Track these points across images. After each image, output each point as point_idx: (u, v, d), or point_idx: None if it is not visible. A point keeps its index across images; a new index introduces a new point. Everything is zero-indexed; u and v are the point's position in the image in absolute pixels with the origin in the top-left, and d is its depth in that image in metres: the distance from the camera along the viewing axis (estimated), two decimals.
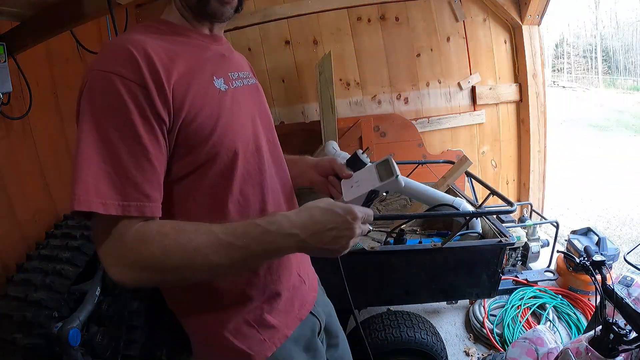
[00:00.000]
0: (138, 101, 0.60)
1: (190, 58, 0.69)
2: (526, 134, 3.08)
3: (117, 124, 0.59)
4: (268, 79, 2.82)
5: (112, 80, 0.60)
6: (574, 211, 4.52)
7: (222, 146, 0.69)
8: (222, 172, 0.70)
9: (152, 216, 0.61)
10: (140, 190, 0.60)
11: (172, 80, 0.63)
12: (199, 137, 0.66)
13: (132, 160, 0.59)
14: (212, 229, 0.62)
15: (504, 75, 3.04)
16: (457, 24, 2.88)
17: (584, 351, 1.04)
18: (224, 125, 0.69)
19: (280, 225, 0.63)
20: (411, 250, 1.58)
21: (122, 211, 0.58)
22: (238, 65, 0.83)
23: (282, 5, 2.68)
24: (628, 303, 1.01)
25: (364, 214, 0.68)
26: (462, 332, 2.06)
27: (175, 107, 0.63)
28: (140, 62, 0.61)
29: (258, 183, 0.76)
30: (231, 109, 0.72)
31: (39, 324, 1.21)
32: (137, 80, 0.60)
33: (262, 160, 0.77)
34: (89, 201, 0.56)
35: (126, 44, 0.63)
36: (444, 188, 2.17)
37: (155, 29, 0.71)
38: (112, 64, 0.61)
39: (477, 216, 1.75)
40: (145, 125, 0.60)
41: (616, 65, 18.41)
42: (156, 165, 0.62)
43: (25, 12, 1.34)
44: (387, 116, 2.88)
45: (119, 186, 0.58)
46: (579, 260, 1.14)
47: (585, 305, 2.02)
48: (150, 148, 0.61)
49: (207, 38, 0.76)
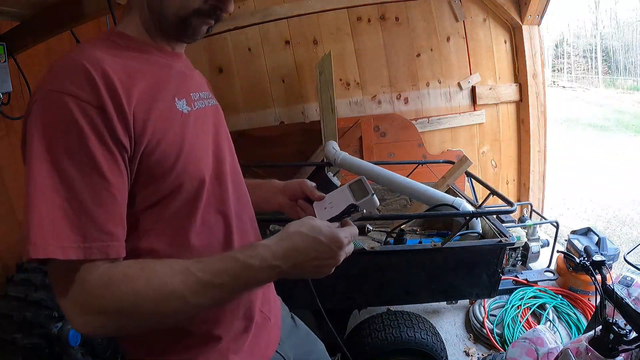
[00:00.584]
0: (95, 126, 0.53)
1: (151, 77, 0.62)
2: (526, 134, 3.08)
3: (72, 153, 0.52)
4: (268, 79, 2.82)
5: (66, 101, 0.52)
6: (574, 211, 4.52)
7: (186, 175, 0.63)
8: (186, 202, 0.63)
9: (117, 257, 0.55)
10: (101, 228, 0.53)
11: (132, 102, 0.57)
12: (163, 165, 0.60)
13: (91, 194, 0.52)
14: (187, 267, 0.56)
15: (504, 75, 3.04)
16: (457, 24, 2.88)
17: (584, 351, 1.04)
18: (188, 151, 0.63)
19: (263, 258, 0.58)
20: (411, 250, 1.58)
21: (84, 254, 0.51)
22: (199, 84, 0.76)
23: (282, 5, 2.68)
24: (628, 303, 1.01)
25: (349, 238, 0.64)
26: (462, 332, 2.06)
27: (136, 133, 0.56)
28: (97, 81, 0.54)
29: (221, 212, 0.70)
30: (195, 133, 0.66)
31: (39, 324, 1.21)
32: (94, 102, 0.53)
33: (225, 187, 0.71)
34: (45, 246, 0.49)
35: (81, 60, 0.55)
36: (444, 188, 2.17)
37: (113, 44, 0.63)
38: (65, 83, 0.53)
39: (477, 216, 1.75)
40: (104, 154, 0.53)
41: (616, 65, 18.41)
42: (118, 198, 0.55)
43: (25, 12, 1.34)
44: (387, 116, 2.88)
45: (77, 225, 0.51)
46: (579, 260, 1.14)
47: (585, 305, 2.02)
48: (110, 179, 0.54)
49: (169, 55, 0.69)
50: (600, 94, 15.24)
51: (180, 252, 0.62)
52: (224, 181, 0.71)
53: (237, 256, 0.58)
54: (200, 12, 0.65)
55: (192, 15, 0.64)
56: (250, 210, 0.81)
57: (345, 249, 0.63)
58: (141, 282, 0.54)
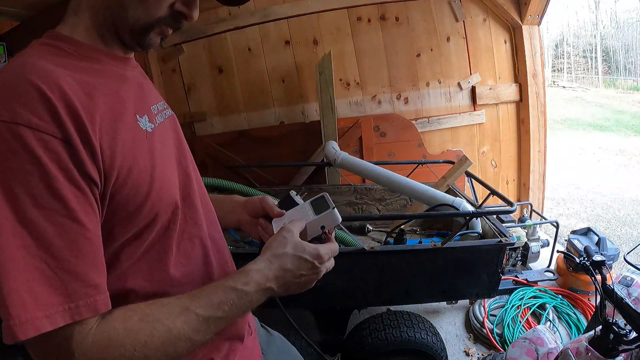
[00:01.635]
0: (62, 163, 0.45)
1: (108, 93, 0.54)
2: (526, 134, 3.08)
3: (38, 199, 0.44)
4: (268, 79, 2.82)
5: (21, 134, 0.43)
6: (574, 211, 4.52)
7: (161, 202, 0.57)
8: (161, 232, 0.59)
9: (106, 310, 0.49)
10: (86, 282, 0.46)
11: (96, 128, 0.48)
12: (137, 196, 0.53)
13: (68, 245, 0.45)
14: (186, 306, 0.53)
15: (504, 75, 3.04)
16: (457, 24, 2.88)
17: (584, 351, 1.04)
18: (160, 176, 0.57)
19: (257, 283, 0.58)
20: (411, 250, 1.58)
21: (72, 317, 0.44)
22: (155, 95, 0.68)
23: (282, 5, 2.68)
24: (628, 303, 1.01)
25: (329, 254, 0.65)
26: (462, 332, 2.06)
27: (105, 164, 0.49)
28: (57, 106, 0.45)
29: (196, 236, 0.66)
30: (161, 153, 0.59)
31: None
32: (57, 133, 0.45)
33: (196, 208, 0.66)
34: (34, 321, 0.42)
35: (33, 79, 0.45)
36: (444, 188, 2.17)
37: (59, 51, 0.53)
38: (16, 110, 0.43)
39: (477, 216, 1.75)
40: (75, 193, 0.46)
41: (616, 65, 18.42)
42: (96, 243, 0.48)
43: (25, 12, 1.35)
44: (387, 116, 2.88)
45: (58, 285, 0.44)
46: (579, 260, 1.14)
47: (585, 305, 2.02)
48: (86, 222, 0.47)
49: (121, 62, 0.60)
50: (600, 94, 15.24)
51: (161, 287, 0.59)
52: (193, 201, 0.66)
53: (233, 285, 0.57)
54: (164, 20, 0.57)
55: (155, 23, 0.57)
56: (219, 228, 0.77)
57: (327, 264, 0.65)
58: (145, 333, 0.49)
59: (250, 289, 0.58)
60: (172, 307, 0.53)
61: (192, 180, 0.67)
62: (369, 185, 2.32)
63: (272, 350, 0.88)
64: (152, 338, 0.50)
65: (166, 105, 0.71)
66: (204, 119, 2.84)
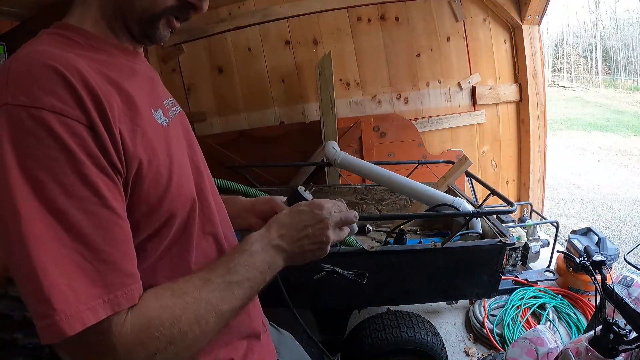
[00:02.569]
0: (89, 149, 0.43)
1: (122, 84, 0.52)
2: (526, 134, 3.08)
3: (68, 187, 0.41)
4: (268, 79, 2.82)
5: (44, 119, 0.41)
6: (574, 211, 4.52)
7: (180, 197, 0.56)
8: (181, 229, 0.57)
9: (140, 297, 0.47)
10: (122, 271, 0.45)
11: (115, 115, 0.47)
12: (157, 189, 0.52)
13: (102, 234, 0.43)
14: (205, 277, 0.53)
15: (504, 75, 3.04)
16: (457, 24, 2.88)
17: (584, 351, 1.04)
18: (177, 171, 0.55)
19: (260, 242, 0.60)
20: (411, 250, 1.58)
21: (112, 308, 0.43)
22: (165, 90, 0.68)
23: (282, 5, 2.68)
24: (628, 303, 1.00)
25: (331, 203, 0.65)
26: (462, 332, 2.05)
27: (126, 153, 0.47)
28: (79, 90, 0.43)
29: (211, 233, 0.64)
30: (177, 148, 0.58)
31: None
32: (81, 118, 0.43)
33: (209, 204, 0.65)
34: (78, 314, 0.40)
35: (49, 61, 0.43)
36: (444, 188, 2.17)
37: (69, 41, 0.51)
38: (39, 95, 0.41)
39: (477, 216, 1.75)
40: (105, 181, 0.44)
41: (616, 65, 18.43)
42: (127, 231, 0.47)
43: (25, 12, 1.35)
44: (387, 116, 2.88)
45: (96, 276, 0.42)
46: (579, 260, 1.14)
47: (585, 305, 2.02)
48: (118, 210, 0.45)
49: (131, 55, 0.59)
50: (600, 94, 15.24)
51: None
52: (206, 197, 0.65)
53: (241, 249, 0.59)
54: (171, 10, 0.56)
55: (163, 13, 0.55)
56: (230, 224, 0.75)
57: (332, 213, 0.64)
58: (178, 307, 0.49)
59: (257, 248, 0.59)
60: (195, 280, 0.53)
61: (204, 177, 0.67)
62: (369, 185, 2.32)
63: (283, 349, 0.88)
64: (185, 311, 0.49)
65: (175, 102, 0.70)
66: (204, 119, 2.84)
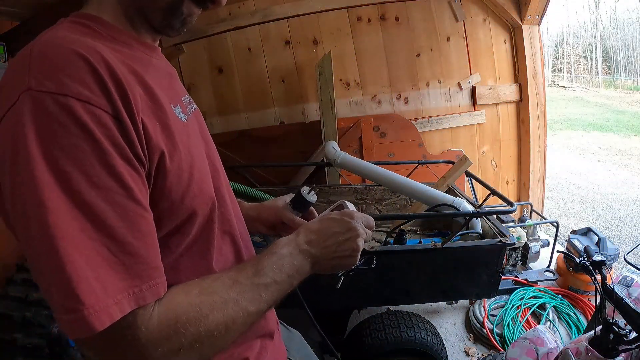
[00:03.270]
0: (115, 139, 0.42)
1: (145, 77, 0.50)
2: (526, 134, 3.08)
3: (94, 177, 0.40)
4: (268, 79, 2.82)
5: (70, 107, 0.39)
6: (574, 211, 4.52)
7: (201, 194, 0.55)
8: (202, 226, 0.57)
9: (164, 291, 0.47)
10: (148, 264, 0.44)
11: (139, 106, 0.45)
12: (179, 184, 0.51)
13: (128, 226, 0.42)
14: (234, 277, 0.53)
15: (504, 75, 3.04)
16: (457, 24, 2.88)
17: (584, 351, 1.04)
18: (198, 167, 0.55)
19: (289, 247, 0.60)
20: (411, 250, 1.58)
21: (137, 302, 0.42)
22: (182, 86, 0.67)
23: (282, 5, 2.68)
24: (628, 303, 1.00)
25: (360, 213, 0.67)
26: (462, 332, 2.05)
27: (149, 146, 0.46)
28: (105, 78, 0.42)
29: (228, 233, 0.64)
30: (196, 145, 0.58)
31: (39, 324, 1.21)
32: (107, 107, 0.42)
33: (225, 203, 0.64)
34: (107, 308, 0.39)
35: (74, 47, 0.42)
36: (444, 188, 2.17)
37: (91, 31, 0.49)
38: (61, 79, 0.40)
39: (477, 216, 1.75)
40: (130, 172, 0.43)
41: (616, 65, 18.43)
42: (152, 222, 0.46)
43: (25, 12, 1.35)
44: (387, 116, 2.88)
45: (121, 269, 0.41)
46: (579, 260, 1.14)
47: (585, 305, 2.02)
48: (143, 202, 0.44)
49: (149, 49, 0.57)
50: (600, 94, 15.25)
51: None
52: (223, 195, 0.64)
53: (266, 252, 0.59)
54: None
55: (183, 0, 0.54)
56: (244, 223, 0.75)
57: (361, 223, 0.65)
58: (206, 306, 0.48)
59: (285, 252, 0.59)
60: (224, 279, 0.53)
61: (221, 175, 0.67)
62: (369, 185, 2.32)
63: (293, 348, 0.88)
64: (212, 310, 0.48)
65: (191, 99, 0.69)
66: (204, 119, 2.83)
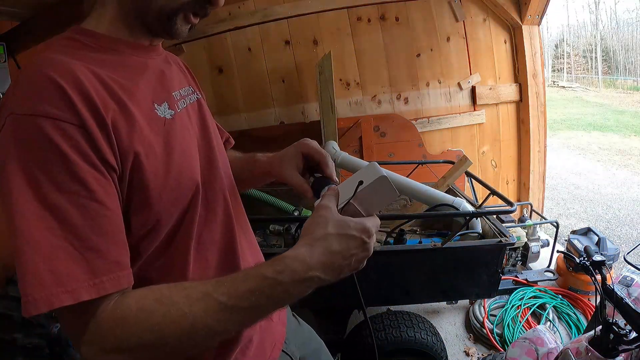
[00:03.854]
0: (80, 148, 0.47)
1: (125, 83, 0.56)
2: (526, 134, 3.08)
3: (60, 183, 0.46)
4: (268, 79, 2.82)
5: (41, 125, 0.46)
6: (574, 211, 4.52)
7: (180, 189, 0.58)
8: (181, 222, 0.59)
9: (128, 286, 0.51)
10: (109, 259, 0.48)
11: (109, 112, 0.51)
12: (154, 183, 0.54)
13: (90, 224, 0.47)
14: (207, 291, 0.50)
15: (504, 75, 3.04)
16: (457, 24, 2.88)
17: (584, 351, 1.04)
18: (179, 163, 0.58)
19: (294, 272, 0.51)
20: (411, 250, 1.58)
21: (97, 292, 0.46)
22: (179, 80, 0.69)
23: (282, 5, 2.68)
24: (628, 303, 1.00)
25: (375, 227, 0.60)
26: (462, 332, 2.06)
27: (121, 150, 0.51)
28: (71, 95, 0.48)
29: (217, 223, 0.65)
30: (183, 140, 0.60)
31: (39, 324, 1.21)
32: (74, 120, 0.47)
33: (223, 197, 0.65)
34: (49, 297, 0.44)
35: (49, 72, 0.48)
36: (444, 188, 2.17)
37: (79, 44, 0.56)
38: (35, 103, 0.47)
39: (477, 216, 1.75)
40: (95, 176, 0.48)
41: (616, 65, 18.42)
42: (116, 221, 0.50)
43: (25, 12, 1.35)
44: (387, 116, 2.88)
45: (83, 262, 0.46)
46: (579, 260, 1.14)
47: (585, 305, 2.02)
48: (107, 203, 0.49)
49: (144, 51, 0.62)
50: (600, 94, 15.25)
51: None
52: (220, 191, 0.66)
53: (264, 273, 0.51)
54: (187, 6, 0.58)
55: (180, 9, 0.58)
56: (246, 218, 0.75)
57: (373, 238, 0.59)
58: (159, 315, 0.48)
59: (285, 279, 0.51)
60: (192, 291, 0.50)
61: (219, 169, 0.67)
62: None
63: (296, 340, 0.85)
64: (165, 320, 0.48)
65: (192, 90, 0.71)
66: None
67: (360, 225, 0.56)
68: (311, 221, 0.57)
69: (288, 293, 0.52)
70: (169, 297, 0.50)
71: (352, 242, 0.55)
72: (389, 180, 0.61)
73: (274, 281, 0.51)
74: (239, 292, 0.50)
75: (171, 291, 0.51)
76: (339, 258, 0.54)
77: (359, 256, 0.57)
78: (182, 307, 0.49)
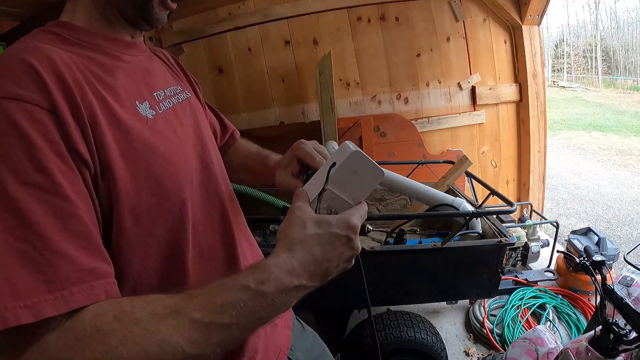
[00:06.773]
0: (48, 134, 0.41)
1: (105, 77, 0.51)
2: (526, 134, 3.08)
3: (21, 173, 0.39)
4: (268, 79, 2.82)
5: (5, 107, 0.40)
6: (574, 211, 4.52)
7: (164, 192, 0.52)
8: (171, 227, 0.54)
9: (107, 297, 0.42)
10: (78, 265, 0.40)
11: (87, 102, 0.46)
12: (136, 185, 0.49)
13: (55, 223, 0.40)
14: (175, 306, 0.42)
15: (504, 75, 3.04)
16: (457, 24, 2.88)
17: (584, 351, 1.04)
18: (162, 165, 0.52)
19: (278, 281, 0.45)
20: (411, 250, 1.58)
21: (67, 305, 0.38)
22: (163, 80, 0.64)
23: (282, 5, 2.68)
24: (628, 303, 1.00)
25: (361, 219, 0.54)
26: (462, 332, 2.05)
27: (97, 145, 0.45)
28: (45, 78, 0.43)
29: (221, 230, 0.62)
30: (166, 141, 0.55)
31: None
32: (43, 103, 0.42)
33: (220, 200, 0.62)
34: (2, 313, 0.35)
35: (22, 54, 0.44)
36: (444, 188, 2.17)
37: (57, 37, 0.52)
38: (2, 84, 0.41)
39: (477, 216, 1.75)
40: (62, 168, 0.41)
41: (616, 65, 18.43)
42: (87, 222, 0.43)
43: (25, 12, 1.35)
44: (387, 116, 2.88)
45: (48, 270, 0.38)
46: (579, 260, 1.14)
47: (585, 305, 2.02)
48: (75, 199, 0.42)
49: (124, 47, 0.58)
50: (600, 94, 15.25)
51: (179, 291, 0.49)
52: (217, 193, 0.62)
53: (245, 283, 0.44)
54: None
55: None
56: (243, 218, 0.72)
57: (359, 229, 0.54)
58: (117, 336, 0.39)
59: (269, 289, 0.45)
60: (158, 306, 0.42)
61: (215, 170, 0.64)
62: None
63: (300, 346, 0.82)
64: (124, 343, 0.38)
65: (180, 89, 0.66)
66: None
67: (342, 221, 0.51)
68: (285, 224, 0.51)
69: (274, 305, 0.45)
70: (131, 314, 0.40)
71: (337, 242, 0.50)
72: (365, 155, 0.55)
73: (256, 292, 0.44)
74: (216, 305, 0.42)
75: (134, 306, 0.41)
76: (324, 260, 0.49)
77: (345, 255, 0.51)
78: (146, 326, 0.40)
